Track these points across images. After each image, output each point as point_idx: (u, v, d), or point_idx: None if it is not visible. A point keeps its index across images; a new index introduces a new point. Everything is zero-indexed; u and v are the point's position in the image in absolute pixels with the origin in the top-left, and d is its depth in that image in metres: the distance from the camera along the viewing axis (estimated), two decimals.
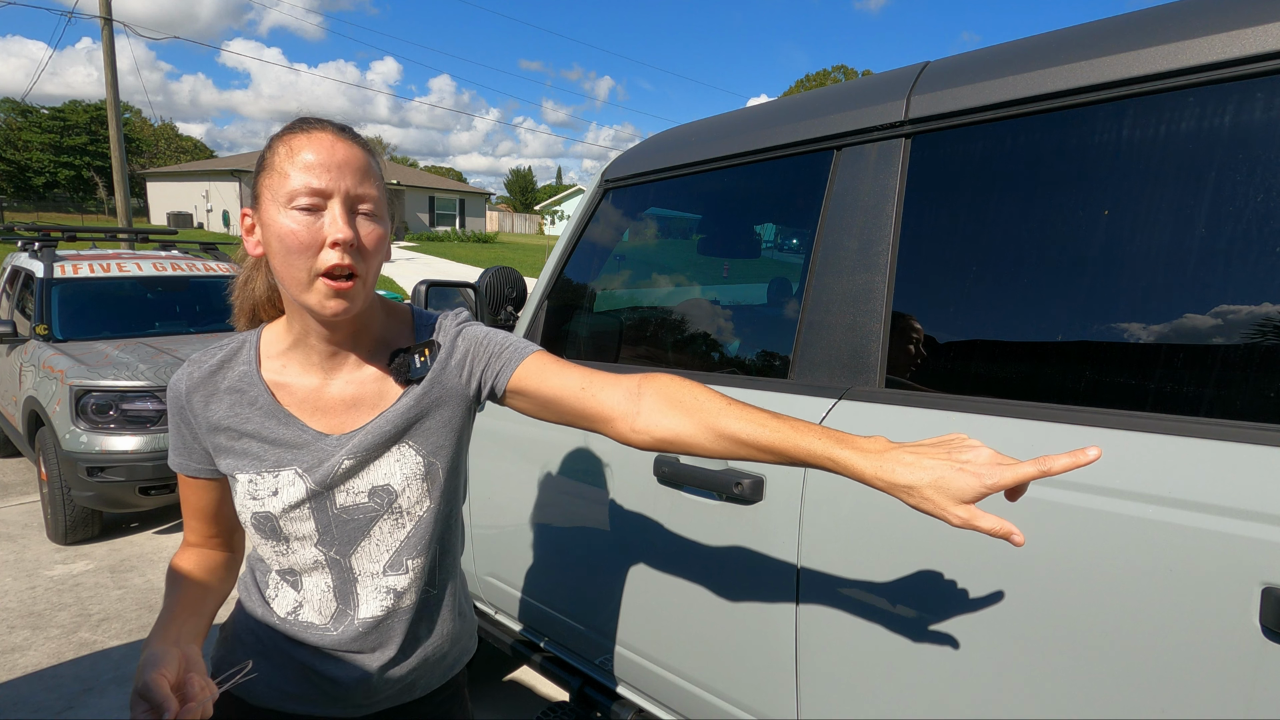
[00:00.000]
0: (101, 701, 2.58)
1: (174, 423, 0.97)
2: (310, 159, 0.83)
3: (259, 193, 0.87)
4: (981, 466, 0.73)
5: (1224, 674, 0.84)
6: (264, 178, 0.86)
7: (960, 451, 0.75)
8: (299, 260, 0.83)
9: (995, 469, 0.72)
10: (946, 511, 0.73)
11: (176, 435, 0.97)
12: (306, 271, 0.84)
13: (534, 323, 1.97)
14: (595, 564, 1.69)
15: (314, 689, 1.00)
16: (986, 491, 0.72)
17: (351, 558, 0.97)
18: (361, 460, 0.95)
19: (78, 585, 3.48)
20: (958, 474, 0.73)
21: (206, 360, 0.96)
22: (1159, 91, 1.01)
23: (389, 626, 1.00)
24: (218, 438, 0.95)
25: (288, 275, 0.85)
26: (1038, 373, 1.08)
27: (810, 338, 1.35)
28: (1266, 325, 0.89)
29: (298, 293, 0.85)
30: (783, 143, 1.47)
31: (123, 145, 14.52)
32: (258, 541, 0.99)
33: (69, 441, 3.74)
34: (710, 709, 1.46)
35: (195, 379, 0.95)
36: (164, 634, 0.88)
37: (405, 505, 0.97)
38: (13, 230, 5.67)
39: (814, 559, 1.23)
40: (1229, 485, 0.85)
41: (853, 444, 0.81)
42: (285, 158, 0.84)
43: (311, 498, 0.94)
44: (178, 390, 0.96)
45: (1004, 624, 1.01)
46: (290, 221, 0.83)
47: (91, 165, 43.84)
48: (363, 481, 0.95)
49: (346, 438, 0.94)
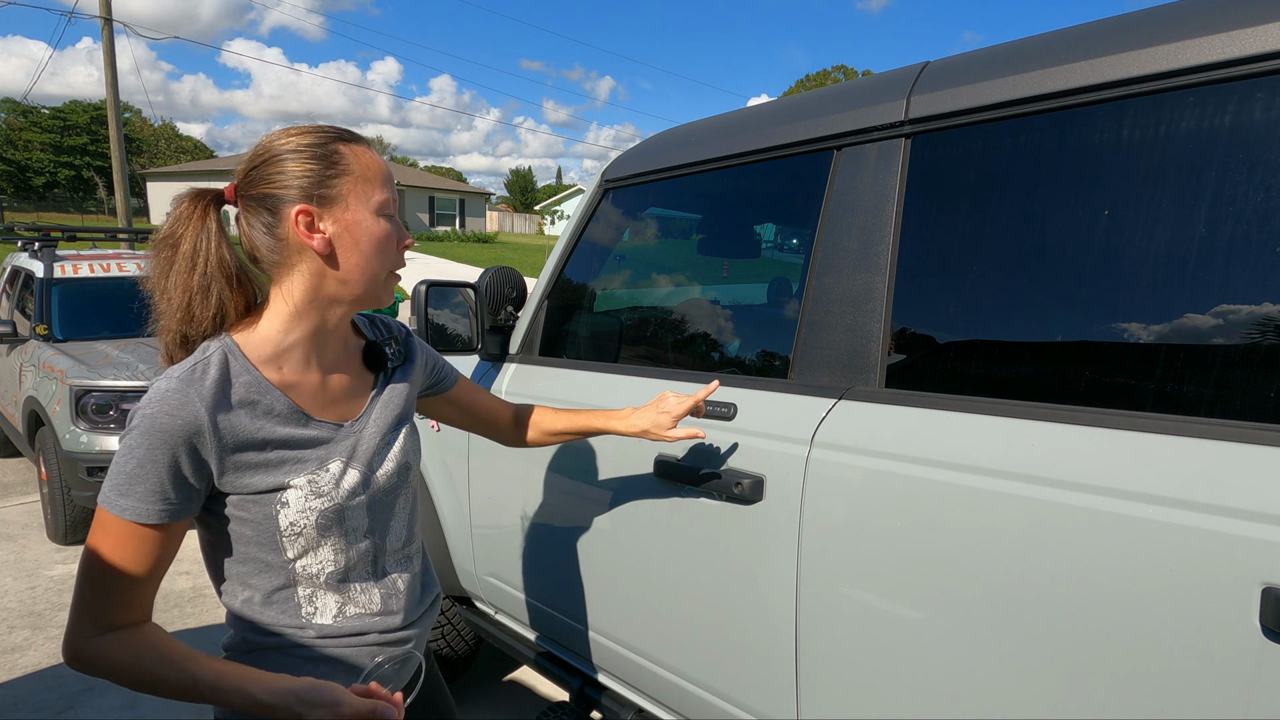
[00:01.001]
0: (101, 701, 2.58)
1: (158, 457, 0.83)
2: (386, 175, 0.96)
3: (341, 194, 0.92)
4: (669, 407, 1.30)
5: (1224, 674, 0.84)
6: (346, 182, 0.92)
7: (661, 404, 1.32)
8: (385, 260, 0.96)
9: (676, 405, 1.30)
10: (663, 435, 1.30)
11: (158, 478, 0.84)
12: (385, 269, 0.96)
13: (534, 323, 1.97)
14: (595, 564, 1.69)
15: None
16: (675, 420, 1.29)
17: (387, 538, 1.04)
18: (387, 441, 1.03)
19: None
20: (661, 415, 1.30)
21: (200, 380, 0.87)
22: (1159, 91, 1.01)
23: (412, 589, 1.08)
24: (244, 455, 0.89)
25: (369, 272, 0.94)
26: (1038, 373, 1.08)
27: (810, 338, 1.35)
28: (1266, 325, 0.89)
29: (371, 287, 0.95)
30: (783, 143, 1.47)
31: (123, 145, 14.51)
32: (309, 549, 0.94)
33: (69, 441, 3.74)
34: (710, 709, 1.46)
35: (209, 400, 0.86)
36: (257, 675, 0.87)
37: (414, 473, 1.09)
38: (13, 230, 5.66)
39: (814, 559, 1.23)
40: (1229, 485, 0.85)
41: (613, 415, 1.35)
42: (370, 169, 0.94)
43: (363, 482, 0.98)
44: (184, 420, 0.84)
45: (1004, 624, 1.01)
46: (381, 226, 0.94)
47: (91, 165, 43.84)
48: (391, 461, 1.03)
49: (359, 424, 1.01)
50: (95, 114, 43.56)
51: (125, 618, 0.86)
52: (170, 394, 0.85)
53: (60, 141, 44.36)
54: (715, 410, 1.43)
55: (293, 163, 0.91)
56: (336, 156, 0.92)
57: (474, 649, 2.50)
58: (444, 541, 2.23)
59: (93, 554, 0.85)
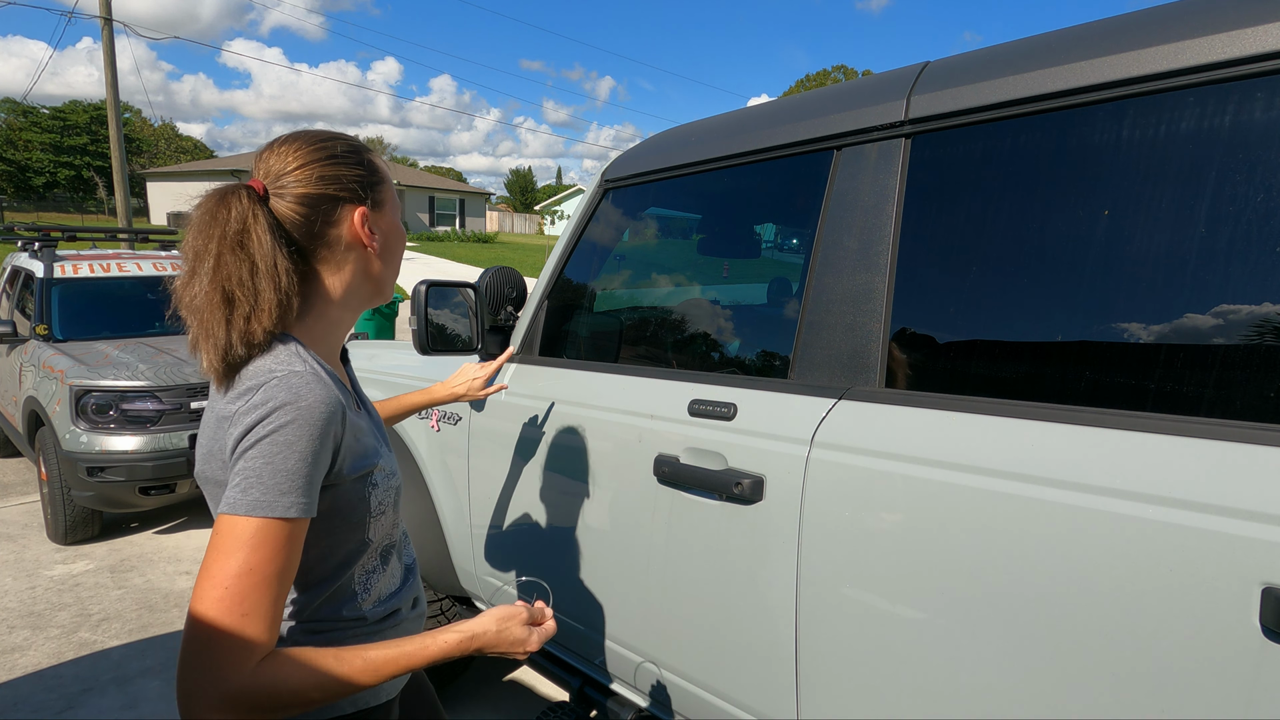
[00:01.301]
0: (101, 701, 2.58)
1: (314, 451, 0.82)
2: None
3: (383, 200, 0.99)
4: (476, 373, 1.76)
5: (1224, 674, 0.84)
6: (385, 188, 1.00)
7: (469, 372, 1.75)
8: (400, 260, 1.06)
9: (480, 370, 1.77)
10: (477, 394, 1.75)
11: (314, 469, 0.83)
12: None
13: (534, 323, 1.97)
14: (595, 564, 1.69)
15: None
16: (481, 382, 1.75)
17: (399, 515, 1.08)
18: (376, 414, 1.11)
19: (78, 585, 3.48)
20: (472, 381, 1.74)
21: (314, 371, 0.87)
22: (1159, 91, 1.01)
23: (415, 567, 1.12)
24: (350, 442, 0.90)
25: (394, 268, 1.04)
26: (1038, 372, 1.08)
27: (810, 338, 1.35)
28: (1266, 325, 0.89)
29: (389, 282, 1.04)
30: (783, 143, 1.47)
31: (123, 145, 14.51)
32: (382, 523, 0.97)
33: (69, 441, 3.74)
34: (710, 709, 1.46)
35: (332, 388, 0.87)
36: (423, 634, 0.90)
37: None
38: (13, 230, 5.66)
39: (814, 559, 1.23)
40: (1229, 485, 0.85)
41: (435, 389, 1.71)
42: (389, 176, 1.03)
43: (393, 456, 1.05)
44: (331, 403, 0.85)
45: (1004, 624, 1.01)
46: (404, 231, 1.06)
47: (91, 165, 43.82)
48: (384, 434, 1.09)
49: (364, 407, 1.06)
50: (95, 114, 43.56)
51: (272, 637, 0.79)
52: (314, 384, 0.84)
53: (60, 141, 44.35)
54: (715, 410, 1.43)
55: (341, 166, 0.93)
56: (370, 163, 0.98)
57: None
58: (444, 541, 2.23)
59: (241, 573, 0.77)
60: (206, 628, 0.75)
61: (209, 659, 0.75)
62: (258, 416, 0.81)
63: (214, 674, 0.75)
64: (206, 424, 0.91)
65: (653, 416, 1.54)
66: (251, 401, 0.83)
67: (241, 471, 0.81)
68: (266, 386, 0.83)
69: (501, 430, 1.94)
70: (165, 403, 3.85)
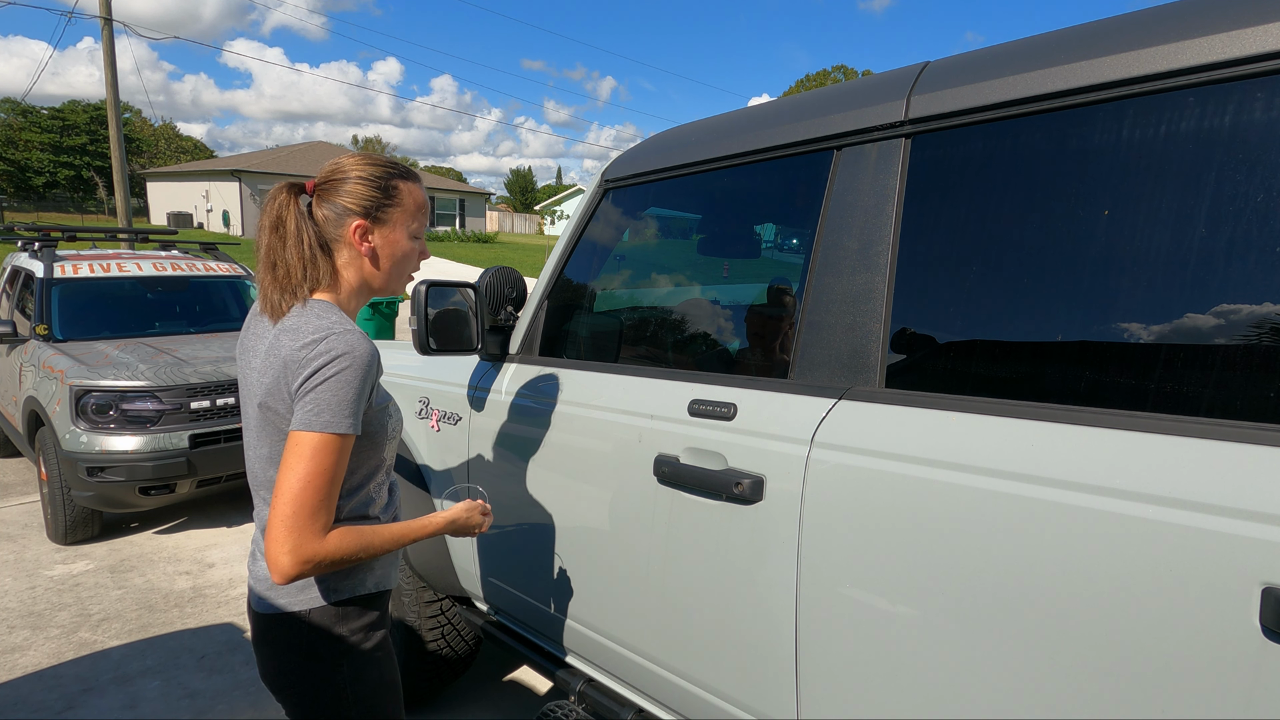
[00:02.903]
0: (101, 701, 2.58)
1: (365, 385, 1.15)
2: (424, 206, 1.32)
3: (389, 219, 1.26)
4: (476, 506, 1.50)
5: (1224, 674, 0.84)
6: (396, 212, 1.26)
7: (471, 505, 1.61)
8: (408, 268, 1.32)
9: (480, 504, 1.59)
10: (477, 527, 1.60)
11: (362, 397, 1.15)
12: (406, 273, 1.32)
13: (534, 323, 1.97)
14: (595, 564, 1.69)
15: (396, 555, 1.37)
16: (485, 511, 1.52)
17: None
18: None
19: (78, 585, 3.48)
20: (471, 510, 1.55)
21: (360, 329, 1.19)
22: (1159, 91, 1.01)
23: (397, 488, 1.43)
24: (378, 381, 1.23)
25: (397, 274, 1.30)
26: (1038, 373, 1.08)
27: (810, 338, 1.35)
28: (1266, 325, 0.89)
29: (393, 281, 1.30)
30: (783, 143, 1.47)
31: (123, 145, 14.52)
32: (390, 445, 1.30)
33: (69, 441, 3.74)
34: (710, 709, 1.46)
35: (373, 343, 1.20)
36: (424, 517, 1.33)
37: None
38: (13, 230, 5.67)
39: (814, 559, 1.23)
40: (1229, 485, 0.85)
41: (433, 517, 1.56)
42: (415, 203, 1.29)
43: None
44: (374, 353, 1.17)
45: (1004, 624, 1.01)
46: (411, 245, 1.30)
47: (91, 165, 43.80)
48: None
49: None
50: (95, 114, 43.56)
51: (333, 516, 1.14)
52: (359, 336, 1.16)
53: (60, 141, 44.32)
54: (715, 410, 1.43)
55: (361, 187, 1.23)
56: (394, 191, 1.26)
57: (474, 649, 2.50)
58: (444, 541, 2.23)
59: (317, 472, 1.10)
60: (293, 508, 1.08)
61: (295, 531, 1.09)
62: (324, 360, 1.12)
63: (297, 541, 1.09)
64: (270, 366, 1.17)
65: (653, 416, 1.54)
66: (318, 349, 1.12)
67: (312, 401, 1.11)
68: (329, 339, 1.13)
69: (501, 430, 1.94)
70: (165, 403, 3.85)
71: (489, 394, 2.01)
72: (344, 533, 1.14)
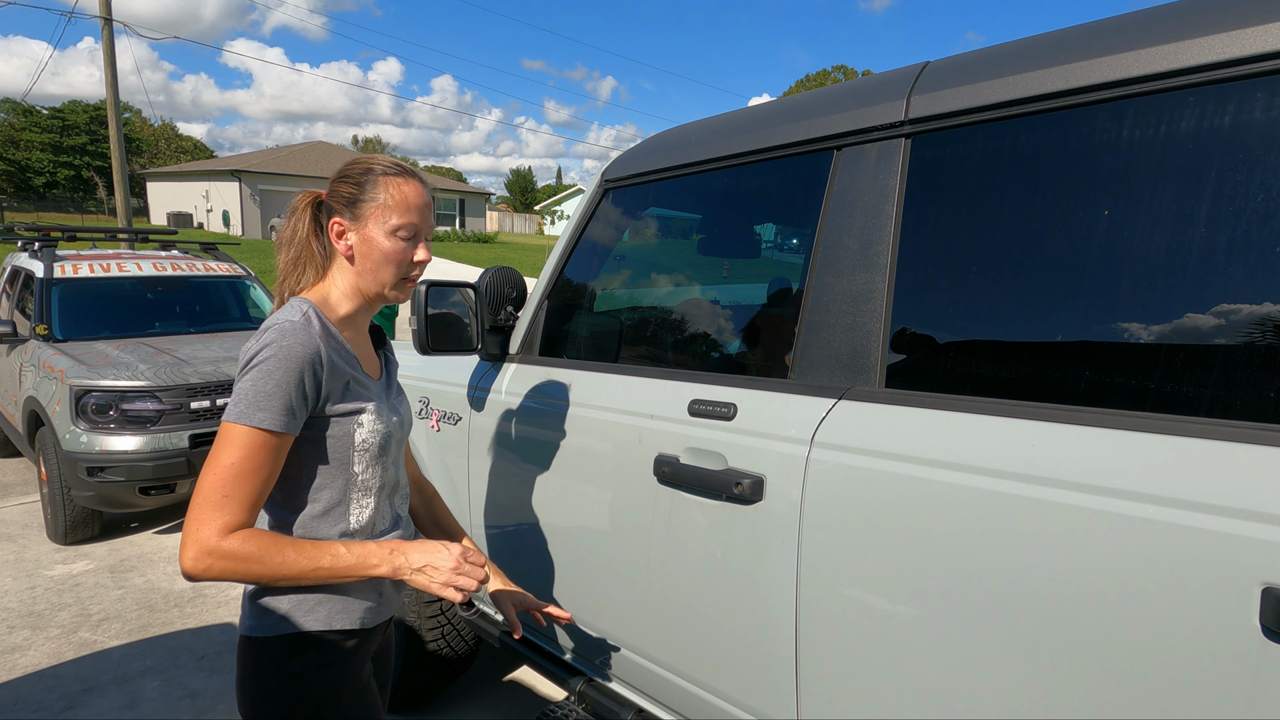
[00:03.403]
0: (101, 701, 2.58)
1: (290, 378, 1.07)
2: (413, 204, 1.18)
3: (363, 214, 1.17)
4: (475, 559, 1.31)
5: (1224, 674, 0.84)
6: (370, 206, 1.16)
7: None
8: (392, 269, 1.19)
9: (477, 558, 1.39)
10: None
11: (288, 395, 1.07)
12: (394, 276, 1.20)
13: (534, 323, 1.97)
14: (595, 564, 1.69)
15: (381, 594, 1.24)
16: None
17: (398, 471, 1.28)
18: (398, 396, 1.32)
19: (78, 585, 3.48)
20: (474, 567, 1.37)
21: (310, 325, 1.12)
22: (1159, 91, 1.01)
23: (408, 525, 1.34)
24: (336, 385, 1.14)
25: (376, 277, 1.19)
26: (1037, 373, 1.08)
27: (810, 338, 1.35)
28: (1266, 325, 0.89)
29: (378, 286, 1.20)
30: (783, 143, 1.47)
31: (123, 145, 14.52)
32: (369, 465, 1.19)
33: (69, 441, 3.74)
34: (710, 709, 1.46)
35: (320, 337, 1.12)
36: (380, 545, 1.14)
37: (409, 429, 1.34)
38: (13, 230, 5.67)
39: (814, 559, 1.23)
40: (1229, 485, 0.85)
41: None
42: (395, 198, 1.17)
43: (399, 421, 1.26)
44: (310, 348, 1.09)
45: (1004, 624, 1.01)
46: (392, 244, 1.18)
47: (91, 165, 43.81)
48: (403, 410, 1.31)
49: (384, 379, 1.30)
50: (95, 114, 43.55)
51: (246, 518, 1.06)
52: (298, 330, 1.10)
53: (60, 141, 44.32)
54: (715, 410, 1.43)
55: (342, 183, 1.19)
56: (370, 185, 1.17)
57: (474, 649, 2.50)
58: None
59: (225, 465, 1.04)
60: (200, 499, 1.04)
61: (196, 520, 1.03)
62: (254, 350, 1.08)
63: (196, 532, 1.02)
64: None
65: (653, 416, 1.54)
66: (255, 339, 1.09)
67: (236, 390, 1.07)
68: (269, 330, 1.09)
69: (501, 430, 1.94)
70: (165, 403, 3.85)
71: (489, 394, 2.01)
72: (248, 535, 1.04)
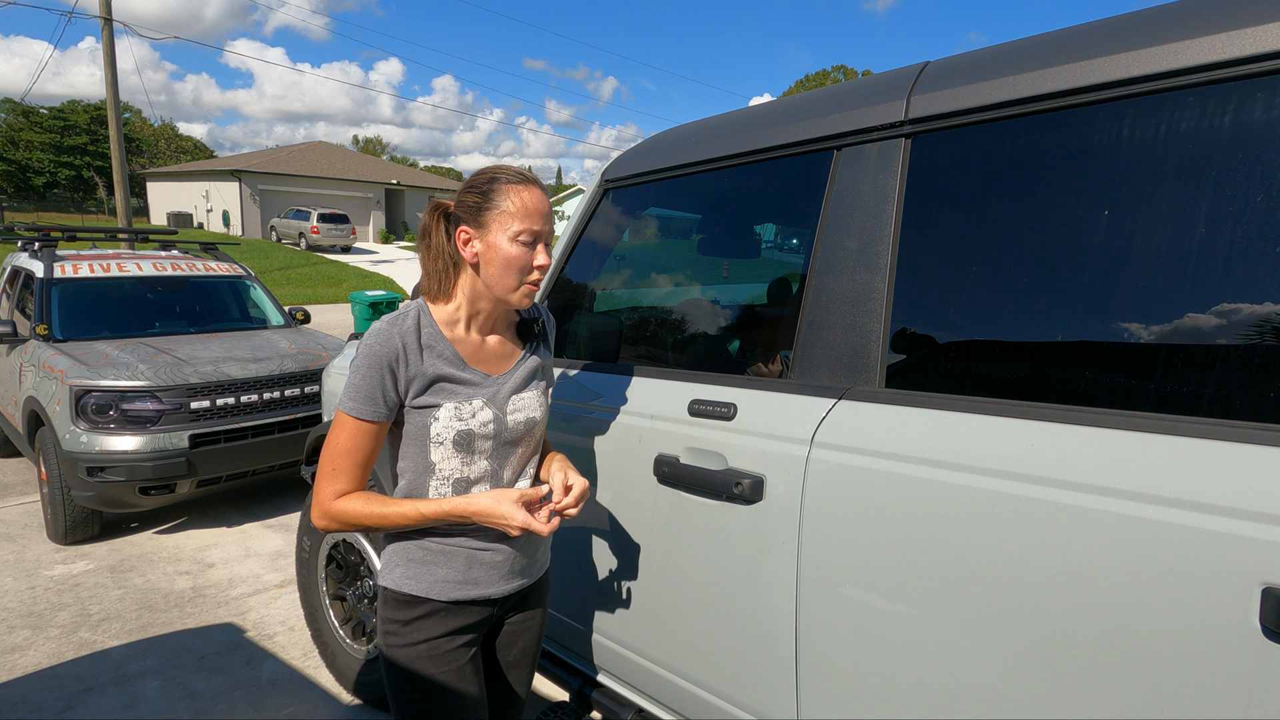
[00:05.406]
0: (101, 701, 2.58)
1: (373, 374, 1.20)
2: (533, 210, 1.24)
3: (486, 221, 1.23)
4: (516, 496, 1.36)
5: (1224, 674, 0.84)
6: (493, 214, 1.23)
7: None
8: (515, 274, 1.25)
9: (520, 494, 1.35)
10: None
11: (373, 386, 1.21)
12: (517, 281, 1.26)
13: None
14: (595, 564, 1.69)
15: (476, 572, 1.31)
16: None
17: (503, 472, 1.34)
18: (522, 394, 1.35)
19: (78, 585, 3.48)
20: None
21: (403, 321, 1.25)
22: (1159, 91, 1.01)
23: None
24: (419, 381, 1.24)
25: (500, 281, 1.25)
26: (1037, 373, 1.08)
27: (810, 338, 1.35)
28: (1266, 325, 0.89)
29: (503, 292, 1.26)
30: (783, 143, 1.47)
31: (123, 145, 14.52)
32: (447, 456, 1.27)
33: (69, 441, 3.74)
34: (710, 709, 1.46)
35: (405, 332, 1.24)
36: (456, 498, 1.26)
37: (538, 430, 1.38)
38: (13, 230, 5.66)
39: (814, 559, 1.23)
40: (1229, 485, 0.85)
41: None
42: (516, 205, 1.23)
43: (494, 420, 1.29)
44: (391, 343, 1.21)
45: (1004, 624, 1.01)
46: (515, 249, 1.23)
47: (91, 165, 43.83)
48: (521, 413, 1.33)
49: (505, 377, 1.33)
50: (95, 114, 43.58)
51: (354, 486, 1.24)
52: (381, 331, 1.23)
53: (60, 141, 44.34)
54: (715, 410, 1.43)
55: (468, 194, 1.26)
56: (494, 193, 1.23)
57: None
58: None
59: (332, 444, 1.22)
60: (319, 471, 1.24)
61: (317, 488, 1.24)
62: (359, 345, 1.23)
63: (317, 496, 1.24)
64: None
65: (653, 416, 1.54)
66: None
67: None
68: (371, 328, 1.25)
69: None
70: (165, 403, 3.85)
71: None
72: (356, 496, 1.23)
